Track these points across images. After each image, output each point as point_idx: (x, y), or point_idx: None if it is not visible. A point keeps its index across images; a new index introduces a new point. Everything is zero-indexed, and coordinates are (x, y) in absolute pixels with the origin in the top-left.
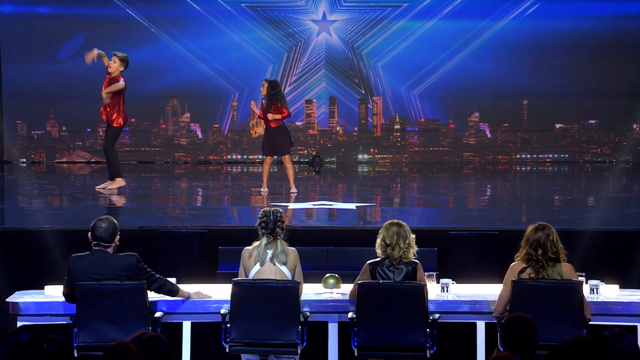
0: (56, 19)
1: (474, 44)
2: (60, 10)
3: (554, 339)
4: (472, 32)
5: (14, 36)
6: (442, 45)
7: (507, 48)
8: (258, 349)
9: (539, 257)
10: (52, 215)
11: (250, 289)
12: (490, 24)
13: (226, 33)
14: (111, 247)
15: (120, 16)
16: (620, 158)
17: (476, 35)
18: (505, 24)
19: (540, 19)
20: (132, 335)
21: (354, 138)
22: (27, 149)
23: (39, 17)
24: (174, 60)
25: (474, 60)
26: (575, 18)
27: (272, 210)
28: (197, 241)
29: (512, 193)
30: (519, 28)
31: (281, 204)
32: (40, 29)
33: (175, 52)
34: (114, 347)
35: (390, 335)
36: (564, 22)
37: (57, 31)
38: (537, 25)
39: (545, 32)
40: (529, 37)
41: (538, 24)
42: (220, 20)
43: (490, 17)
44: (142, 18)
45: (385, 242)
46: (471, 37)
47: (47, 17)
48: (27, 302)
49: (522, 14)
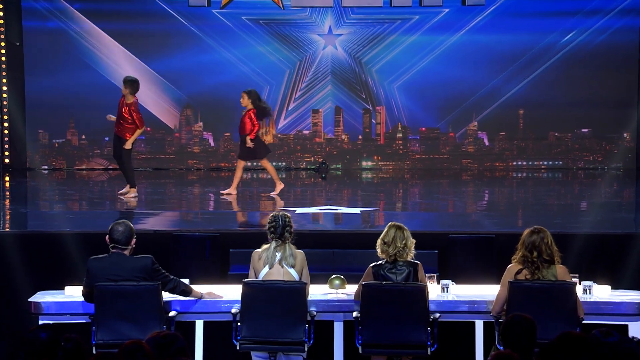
0: (77, 33)
1: (472, 57)
2: (81, 25)
3: (548, 338)
4: (471, 46)
5: (36, 50)
6: (442, 58)
7: (504, 61)
8: (267, 346)
9: (535, 259)
10: (72, 219)
11: (259, 289)
12: (488, 38)
13: (238, 47)
14: (128, 250)
15: (137, 31)
16: (611, 165)
17: (475, 48)
18: (503, 38)
19: (536, 33)
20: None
21: (358, 146)
22: (49, 157)
23: (61, 32)
24: (188, 73)
25: (472, 72)
26: (569, 32)
27: (280, 215)
28: (209, 244)
29: (509, 198)
30: (516, 42)
31: (289, 208)
32: (62, 43)
33: (190, 64)
34: (128, 345)
35: (393, 333)
36: (558, 36)
37: (77, 45)
38: (533, 39)
39: (540, 46)
40: (525, 51)
41: (534, 37)
42: (232, 35)
43: (488, 31)
44: (159, 32)
45: (384, 241)
46: (470, 50)
47: (68, 32)
48: (48, 302)
49: (519, 28)
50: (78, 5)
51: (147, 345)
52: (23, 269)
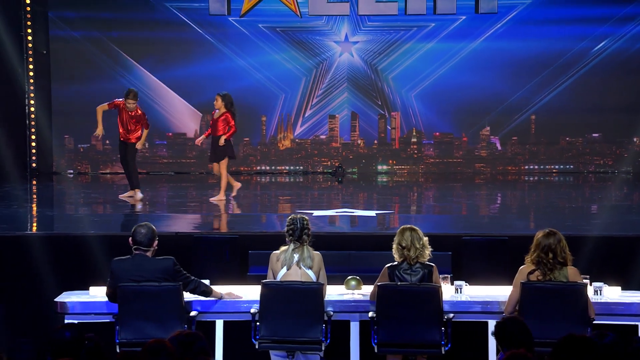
0: (101, 42)
1: (485, 64)
2: (105, 34)
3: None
4: (485, 53)
5: (62, 58)
6: (455, 65)
7: (516, 67)
8: (285, 345)
9: (550, 260)
10: (97, 222)
11: (278, 290)
12: (501, 46)
13: (255, 54)
14: (150, 251)
15: (158, 39)
16: (621, 169)
17: (488, 55)
18: (515, 46)
19: (547, 40)
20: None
21: (374, 150)
22: (74, 161)
23: (85, 40)
24: (209, 79)
25: (485, 78)
26: (580, 40)
27: (299, 218)
28: (228, 246)
29: (521, 201)
30: (528, 49)
31: (307, 211)
32: (86, 51)
33: (209, 71)
34: (151, 344)
35: (408, 333)
36: (569, 43)
37: (101, 53)
38: (545, 45)
39: (551, 53)
40: (537, 57)
41: (546, 44)
42: (250, 42)
43: (501, 39)
44: (179, 40)
45: (402, 245)
46: (483, 57)
47: (92, 40)
48: (73, 302)
49: (531, 36)
50: (102, 14)
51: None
52: (49, 269)
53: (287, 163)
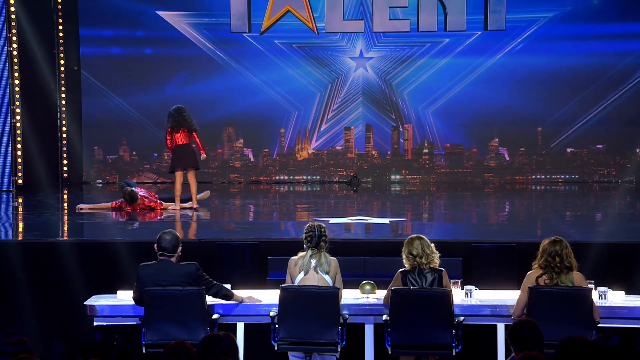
0: (128, 57)
1: (493, 77)
2: (131, 51)
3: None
4: (493, 66)
5: (92, 74)
6: (465, 79)
7: (524, 81)
8: (303, 347)
9: (557, 264)
10: (124, 229)
11: (296, 294)
12: (508, 59)
13: (276, 69)
14: (174, 257)
15: (183, 55)
16: (624, 179)
17: (496, 69)
18: (523, 60)
19: (555, 55)
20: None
21: (387, 161)
22: (103, 172)
23: (114, 57)
24: (230, 93)
25: (494, 91)
26: (585, 55)
27: (316, 225)
28: (249, 252)
29: (529, 209)
30: (535, 63)
31: (323, 219)
32: (114, 67)
33: (231, 85)
34: (173, 345)
35: (420, 335)
36: (575, 59)
37: (128, 69)
38: (551, 60)
39: (558, 67)
40: (544, 71)
41: (552, 59)
42: (271, 58)
43: (509, 53)
44: (200, 57)
45: (413, 254)
46: (491, 71)
47: (120, 57)
48: (102, 305)
49: (540, 52)
50: (128, 32)
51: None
52: (79, 274)
53: (304, 173)
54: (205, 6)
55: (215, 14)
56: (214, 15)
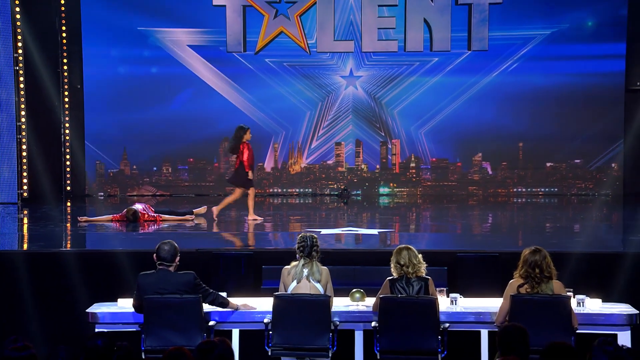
0: (128, 76)
1: (478, 95)
2: (132, 70)
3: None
4: (476, 85)
5: (94, 92)
6: (450, 96)
7: (507, 99)
8: (296, 352)
9: (537, 275)
10: (124, 239)
11: (289, 301)
12: (491, 78)
13: (269, 87)
14: (173, 266)
15: (179, 73)
16: (601, 192)
17: (480, 87)
18: (505, 78)
19: (534, 74)
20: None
21: (376, 174)
22: (104, 185)
23: (115, 76)
24: (226, 110)
25: (478, 109)
26: (564, 75)
27: (309, 236)
28: (244, 261)
29: (511, 221)
30: (517, 82)
31: (315, 230)
32: (116, 85)
33: (227, 102)
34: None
35: (407, 341)
36: (554, 78)
37: (128, 87)
38: (532, 80)
39: (538, 86)
40: (525, 90)
41: (533, 78)
42: (264, 76)
43: (491, 72)
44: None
45: (400, 263)
46: (475, 89)
47: (121, 75)
48: (103, 312)
49: (520, 70)
50: (127, 52)
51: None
52: (82, 283)
53: (297, 186)
54: (202, 24)
55: (210, 32)
56: (209, 33)
